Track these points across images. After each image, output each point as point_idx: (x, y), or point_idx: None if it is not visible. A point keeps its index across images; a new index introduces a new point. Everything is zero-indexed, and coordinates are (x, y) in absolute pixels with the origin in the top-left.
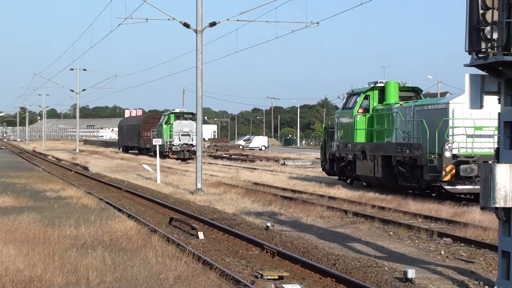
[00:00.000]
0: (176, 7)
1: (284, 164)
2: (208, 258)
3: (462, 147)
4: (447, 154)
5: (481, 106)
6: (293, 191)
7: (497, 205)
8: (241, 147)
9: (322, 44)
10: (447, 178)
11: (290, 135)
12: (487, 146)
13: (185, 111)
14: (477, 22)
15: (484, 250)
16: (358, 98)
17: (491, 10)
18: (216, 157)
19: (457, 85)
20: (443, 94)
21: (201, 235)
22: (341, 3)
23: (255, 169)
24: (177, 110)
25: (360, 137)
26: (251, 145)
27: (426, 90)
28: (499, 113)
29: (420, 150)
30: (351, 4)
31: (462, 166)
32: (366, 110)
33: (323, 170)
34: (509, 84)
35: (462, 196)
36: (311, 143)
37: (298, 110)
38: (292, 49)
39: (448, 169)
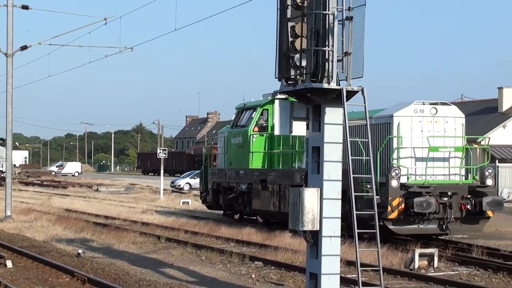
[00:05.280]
0: None
1: (97, 190)
2: (16, 287)
3: (412, 174)
4: (394, 183)
5: (290, 132)
6: (106, 217)
7: (305, 228)
8: (53, 173)
9: (137, 69)
10: (393, 215)
11: (104, 161)
12: (443, 172)
13: None
14: (286, 49)
15: (294, 272)
16: (254, 113)
17: (300, 38)
18: (27, 184)
19: None
20: None
21: (9, 263)
22: (155, 28)
23: (68, 195)
24: None
25: (257, 162)
26: (64, 171)
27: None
28: (307, 138)
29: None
30: (165, 30)
31: (416, 200)
32: (264, 128)
33: (203, 203)
34: (317, 110)
35: (409, 238)
36: (126, 169)
37: (113, 135)
38: (106, 74)
39: (395, 203)
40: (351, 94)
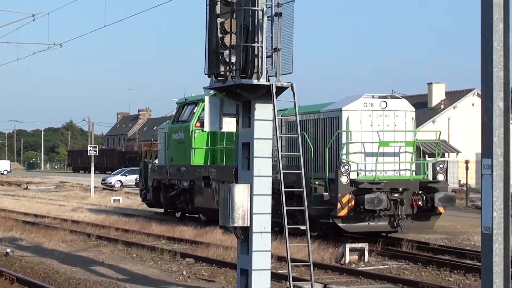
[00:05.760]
0: None
1: (27, 188)
2: None
3: (362, 170)
4: (344, 179)
5: (220, 128)
6: (36, 215)
7: (235, 225)
8: None
9: (66, 66)
10: (343, 212)
11: (34, 159)
12: (393, 168)
13: None
14: (216, 45)
15: (225, 268)
16: (196, 108)
17: (229, 34)
18: None
19: None
20: None
21: None
22: (85, 25)
23: None
24: None
25: (200, 158)
26: None
27: (172, 112)
28: (237, 134)
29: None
30: (95, 26)
31: (367, 196)
32: None
33: (143, 201)
34: (247, 106)
35: (359, 236)
36: (56, 167)
37: (42, 133)
38: (35, 71)
39: (344, 200)
40: (281, 90)
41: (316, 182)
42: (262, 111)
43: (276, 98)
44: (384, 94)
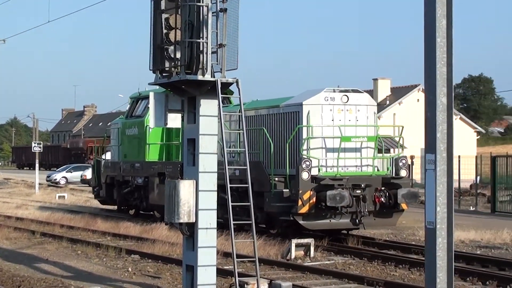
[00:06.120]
0: None
1: None
2: None
3: (323, 166)
4: (305, 175)
5: (165, 124)
6: None
7: (181, 221)
8: None
9: (10, 62)
10: (304, 209)
11: None
12: (355, 163)
13: None
14: (161, 41)
15: (171, 265)
16: None
17: (174, 30)
18: None
19: None
20: None
21: None
22: (28, 20)
23: None
24: None
25: (154, 154)
26: None
27: (117, 108)
28: (182, 131)
29: (259, 171)
30: (39, 21)
31: (329, 193)
32: None
33: (96, 198)
34: (192, 102)
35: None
36: (0, 163)
37: None
38: None
39: (305, 196)
40: (226, 86)
41: (276, 179)
42: (207, 107)
43: (221, 93)
44: (345, 88)
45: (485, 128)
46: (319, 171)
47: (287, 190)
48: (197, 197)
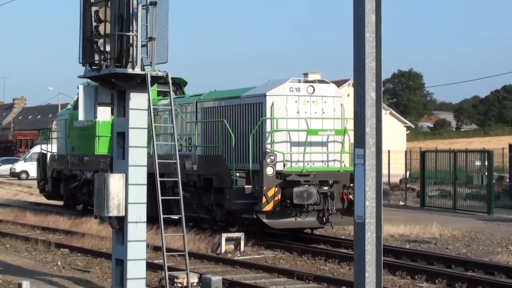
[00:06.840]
0: None
1: None
2: None
3: (288, 161)
4: (269, 171)
5: (95, 117)
6: None
7: (110, 214)
8: None
9: None
10: (268, 207)
11: None
12: (321, 158)
13: None
14: (90, 34)
15: (101, 259)
16: None
17: (104, 23)
18: None
19: None
20: (64, 106)
21: None
22: None
23: None
24: None
25: (104, 147)
26: None
27: (47, 101)
28: (112, 124)
29: (220, 165)
30: None
31: (296, 190)
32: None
33: (41, 192)
34: (122, 96)
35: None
36: None
37: None
38: None
39: (270, 193)
40: (156, 79)
41: (237, 174)
42: (137, 101)
43: (151, 87)
44: (311, 79)
45: (415, 123)
46: (284, 166)
47: (249, 186)
48: (126, 191)
